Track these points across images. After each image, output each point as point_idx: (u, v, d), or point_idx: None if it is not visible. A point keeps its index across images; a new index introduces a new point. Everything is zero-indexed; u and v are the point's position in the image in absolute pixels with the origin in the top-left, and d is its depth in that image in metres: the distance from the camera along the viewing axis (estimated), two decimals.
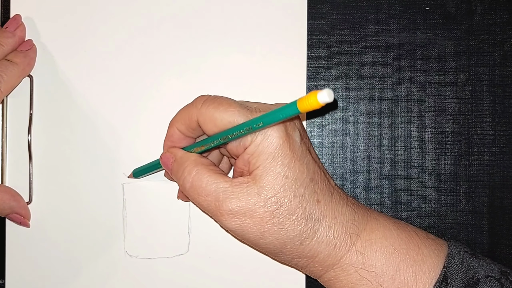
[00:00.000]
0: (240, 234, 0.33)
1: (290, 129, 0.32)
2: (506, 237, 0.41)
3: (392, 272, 0.32)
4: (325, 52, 0.42)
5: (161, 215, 0.41)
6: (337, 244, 0.32)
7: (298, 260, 0.33)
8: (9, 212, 0.40)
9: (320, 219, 0.32)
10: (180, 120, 0.35)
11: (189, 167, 0.34)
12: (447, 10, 0.41)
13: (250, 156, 0.32)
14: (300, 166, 0.32)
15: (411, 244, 0.33)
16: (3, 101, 0.41)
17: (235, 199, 0.32)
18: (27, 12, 0.41)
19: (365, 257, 0.32)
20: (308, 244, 0.32)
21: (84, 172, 0.41)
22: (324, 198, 0.32)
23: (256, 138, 0.32)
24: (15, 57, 0.39)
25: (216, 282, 0.41)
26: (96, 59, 0.41)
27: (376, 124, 0.41)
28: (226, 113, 0.32)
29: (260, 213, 0.31)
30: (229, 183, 0.32)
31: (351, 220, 0.33)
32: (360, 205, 0.34)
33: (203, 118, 0.33)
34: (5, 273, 0.41)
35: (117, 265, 0.41)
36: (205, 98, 0.34)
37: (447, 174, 0.41)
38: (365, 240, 0.33)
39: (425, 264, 0.32)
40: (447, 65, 0.41)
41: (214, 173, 0.33)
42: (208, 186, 0.32)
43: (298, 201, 0.32)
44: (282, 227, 0.32)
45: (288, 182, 0.31)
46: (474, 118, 0.41)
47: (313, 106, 0.26)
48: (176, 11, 0.41)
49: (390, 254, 0.32)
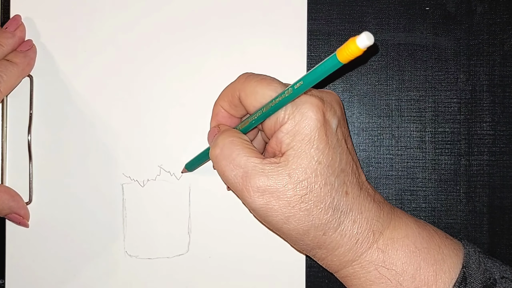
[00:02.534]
0: (263, 215, 0.32)
1: (328, 115, 0.31)
2: (506, 237, 0.41)
3: (412, 271, 0.32)
4: (325, 52, 0.42)
5: (161, 215, 0.41)
6: (359, 239, 0.32)
7: (317, 251, 0.33)
8: (8, 212, 0.40)
9: (346, 212, 0.31)
10: (224, 98, 0.35)
11: (225, 135, 0.33)
12: (447, 10, 0.41)
13: (284, 135, 0.31)
14: (333, 154, 0.31)
15: (432, 243, 0.33)
16: (3, 101, 0.41)
17: (264, 177, 0.31)
18: (27, 12, 0.41)
19: (386, 255, 0.32)
20: (331, 235, 0.31)
21: (84, 172, 0.41)
22: (352, 191, 0.32)
23: (294, 116, 0.31)
24: (15, 57, 0.39)
25: (216, 282, 0.41)
26: (96, 59, 0.41)
27: (376, 124, 0.41)
28: (268, 87, 0.32)
29: (288, 196, 0.31)
30: (260, 159, 0.31)
31: (376, 217, 0.32)
32: (386, 203, 0.34)
33: (245, 93, 0.33)
34: (5, 273, 0.41)
35: (117, 265, 0.41)
36: (248, 74, 0.33)
37: (447, 174, 0.41)
38: (388, 238, 0.32)
39: (445, 264, 0.32)
40: (447, 65, 0.41)
41: (247, 147, 0.32)
42: (239, 157, 0.31)
43: (328, 190, 0.31)
44: (309, 214, 0.31)
45: (320, 168, 0.31)
46: (474, 118, 0.41)
47: (354, 53, 0.24)
48: (176, 11, 0.41)
49: (411, 253, 0.32)
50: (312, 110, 0.31)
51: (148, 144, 0.41)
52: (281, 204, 0.31)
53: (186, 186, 0.41)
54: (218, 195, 0.41)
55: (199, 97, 0.41)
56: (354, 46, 0.24)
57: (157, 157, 0.41)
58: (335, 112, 0.32)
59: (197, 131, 0.41)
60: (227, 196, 0.41)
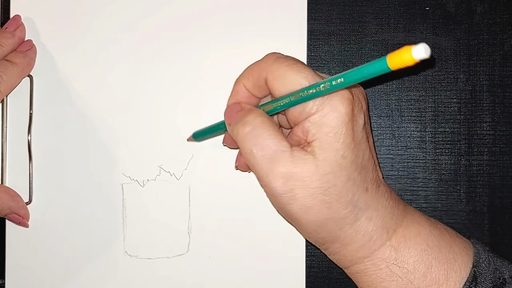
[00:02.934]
0: (284, 203, 0.31)
1: (356, 110, 0.31)
2: (507, 236, 0.41)
3: (423, 270, 0.31)
4: (325, 52, 0.42)
5: (161, 215, 0.41)
6: (373, 237, 0.31)
7: (330, 245, 0.32)
8: (8, 213, 0.40)
9: (364, 209, 0.31)
10: (248, 76, 0.33)
11: (255, 114, 0.32)
12: (447, 10, 0.41)
13: (311, 125, 0.30)
14: (357, 150, 0.31)
15: (443, 242, 0.32)
16: (3, 101, 0.41)
17: (292, 164, 0.30)
18: (27, 12, 0.41)
19: (398, 253, 0.32)
20: (346, 230, 0.31)
21: (84, 172, 0.41)
22: (372, 188, 0.31)
23: (323, 108, 0.30)
24: (15, 58, 0.39)
25: (216, 282, 0.41)
26: (96, 59, 0.41)
27: (376, 124, 0.41)
28: (299, 74, 0.30)
29: (313, 186, 0.30)
30: (289, 145, 0.30)
31: (390, 214, 0.32)
32: (400, 200, 0.34)
33: (272, 76, 0.31)
34: (5, 273, 0.41)
35: (117, 265, 0.41)
36: (278, 55, 0.32)
37: (447, 174, 0.41)
38: (400, 236, 0.32)
39: (456, 263, 0.32)
40: (447, 65, 0.41)
41: (278, 131, 0.31)
42: (268, 139, 0.30)
43: (350, 185, 0.30)
44: (329, 207, 0.30)
45: (345, 163, 0.30)
46: (474, 118, 0.41)
47: (407, 63, 0.23)
48: (176, 11, 0.41)
49: (423, 251, 0.32)
50: (343, 104, 0.30)
51: (148, 144, 0.41)
52: (305, 194, 0.30)
53: (186, 186, 0.41)
54: (218, 195, 0.41)
55: (199, 97, 0.41)
56: (409, 55, 0.23)
57: (157, 157, 0.41)
58: (362, 107, 0.31)
59: None
60: (227, 196, 0.41)
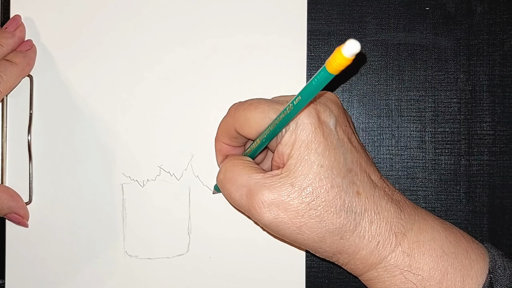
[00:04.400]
0: (275, 229, 0.31)
1: (324, 116, 0.31)
2: (506, 237, 0.41)
3: (439, 277, 0.31)
4: (325, 52, 0.42)
5: (161, 215, 0.41)
6: (381, 241, 0.31)
7: (339, 257, 0.32)
8: (8, 212, 0.40)
9: (361, 213, 0.30)
10: (222, 133, 0.35)
11: (226, 161, 0.34)
12: (447, 10, 0.41)
13: (284, 147, 0.31)
14: (335, 154, 0.30)
15: (460, 248, 0.32)
16: (3, 101, 0.41)
17: (267, 190, 0.30)
18: (27, 12, 0.41)
19: (412, 259, 0.31)
20: (348, 238, 0.31)
21: (84, 172, 0.41)
22: (365, 191, 0.31)
23: (289, 126, 0.30)
24: (15, 57, 0.39)
25: (216, 282, 0.41)
26: (96, 59, 0.41)
27: (376, 124, 0.41)
28: (256, 110, 0.31)
29: (295, 205, 0.30)
30: (262, 175, 0.31)
31: (396, 218, 0.31)
32: (408, 203, 0.33)
33: (238, 124, 0.32)
34: (5, 273, 0.41)
35: (117, 265, 0.41)
36: (236, 105, 0.33)
37: (447, 174, 0.41)
38: (413, 241, 0.31)
39: (472, 269, 0.31)
40: (447, 65, 0.41)
41: (248, 166, 0.32)
42: (240, 177, 0.32)
43: (336, 192, 0.30)
44: (320, 220, 0.30)
45: (323, 171, 0.30)
46: (474, 118, 0.41)
47: (342, 63, 0.24)
48: (176, 11, 0.41)
49: (438, 258, 0.31)
50: (305, 115, 0.30)
51: (148, 144, 0.41)
52: (290, 215, 0.30)
53: (186, 186, 0.41)
54: (218, 195, 0.41)
55: (199, 97, 0.41)
56: (340, 56, 0.23)
57: (157, 157, 0.41)
58: (331, 111, 0.31)
59: (198, 131, 0.41)
60: None
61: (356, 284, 0.41)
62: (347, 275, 0.41)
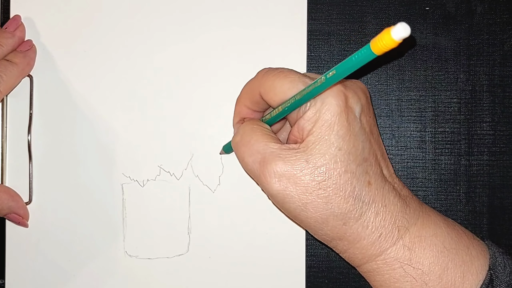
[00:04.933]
0: (281, 201, 0.31)
1: (351, 102, 0.31)
2: (506, 237, 0.41)
3: (439, 272, 0.31)
4: (325, 52, 0.42)
5: (161, 215, 0.41)
6: (383, 233, 0.31)
7: (338, 242, 0.32)
8: (8, 212, 0.40)
9: (369, 203, 0.30)
10: (245, 96, 0.34)
11: (245, 124, 0.33)
12: (447, 10, 0.41)
13: (306, 122, 0.30)
14: (355, 141, 0.30)
15: (461, 245, 0.32)
16: (3, 101, 0.41)
17: (281, 162, 0.30)
18: (27, 12, 0.41)
19: (412, 253, 0.31)
20: (351, 225, 0.31)
21: (84, 172, 0.41)
22: (376, 182, 0.31)
23: (315, 103, 0.30)
24: (15, 57, 0.39)
25: (216, 282, 0.41)
26: (96, 59, 0.41)
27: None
28: (285, 79, 0.31)
29: (305, 181, 0.30)
30: (279, 145, 0.31)
31: (402, 213, 0.31)
32: (414, 199, 0.33)
33: (264, 89, 0.32)
34: (5, 273, 0.41)
35: (117, 265, 0.41)
36: (266, 70, 0.33)
37: (447, 174, 0.41)
38: (415, 236, 0.31)
39: (473, 265, 0.31)
40: (447, 65, 0.41)
41: (266, 134, 0.32)
42: (257, 143, 0.31)
43: (348, 177, 0.30)
44: (327, 201, 0.30)
45: (340, 155, 0.30)
46: (474, 118, 0.41)
47: (389, 45, 0.23)
48: (176, 11, 0.41)
49: (439, 253, 0.31)
50: (333, 96, 0.30)
51: (148, 144, 0.41)
52: (298, 190, 0.30)
53: (186, 186, 0.41)
54: (218, 195, 0.41)
55: (199, 97, 0.41)
56: (389, 37, 0.23)
57: (157, 157, 0.41)
58: (359, 99, 0.31)
59: (198, 131, 0.41)
60: (227, 196, 0.41)
61: (356, 284, 0.41)
62: (347, 275, 0.41)
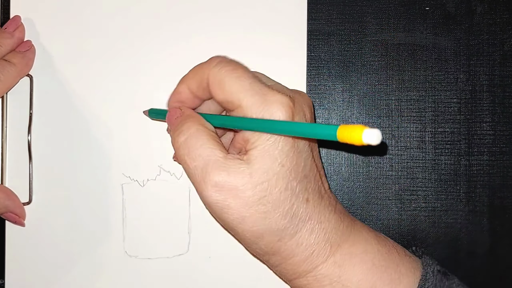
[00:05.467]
0: (218, 212, 0.30)
1: (298, 118, 0.30)
2: (506, 237, 0.41)
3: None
4: (325, 52, 0.42)
5: (161, 215, 0.41)
6: (315, 251, 0.31)
7: (271, 257, 0.32)
8: (4, 211, 0.40)
9: (305, 220, 0.30)
10: (192, 77, 0.32)
11: (191, 123, 0.31)
12: (447, 10, 0.41)
13: (250, 134, 0.30)
14: (298, 158, 0.30)
15: (390, 262, 0.32)
16: (3, 101, 0.41)
17: (225, 172, 0.29)
18: (27, 13, 0.41)
19: (342, 270, 0.31)
20: (286, 242, 0.30)
21: (84, 172, 0.41)
22: (313, 199, 0.31)
23: (262, 115, 0.29)
24: (13, 58, 0.39)
25: (216, 282, 0.41)
26: (95, 60, 0.41)
27: (376, 124, 0.41)
28: (236, 81, 0.30)
29: (246, 195, 0.29)
30: (224, 154, 0.30)
31: (335, 229, 0.31)
32: (347, 214, 0.33)
33: (212, 80, 0.31)
34: (5, 273, 0.41)
35: (117, 265, 0.41)
36: (221, 58, 0.31)
37: (447, 174, 0.41)
38: (346, 253, 0.31)
39: (401, 284, 0.31)
40: (447, 65, 0.41)
41: (213, 139, 0.31)
42: (202, 148, 0.30)
43: (288, 195, 0.29)
44: (265, 217, 0.29)
45: (283, 172, 0.29)
46: (474, 118, 0.41)
47: (353, 140, 0.23)
48: (176, 11, 0.41)
49: (368, 270, 0.31)
50: (281, 111, 0.29)
51: (148, 144, 0.41)
52: (238, 203, 0.29)
53: (186, 186, 0.41)
54: None
55: None
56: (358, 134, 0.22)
57: (157, 157, 0.41)
58: (305, 116, 0.31)
59: None
60: None
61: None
62: None
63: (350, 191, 0.41)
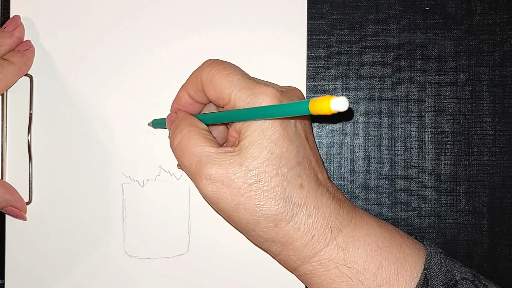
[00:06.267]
0: (214, 202, 0.32)
1: None
2: (506, 237, 0.41)
3: (374, 270, 0.31)
4: (325, 52, 0.42)
5: (161, 215, 0.41)
6: (316, 235, 0.31)
7: (271, 244, 0.32)
8: (4, 205, 0.40)
9: (300, 205, 0.31)
10: (190, 82, 0.35)
11: (182, 126, 0.34)
12: (447, 10, 0.41)
13: (241, 125, 0.32)
14: (289, 146, 0.31)
15: (394, 242, 0.33)
16: (3, 101, 0.41)
17: (216, 165, 0.31)
18: (27, 12, 0.41)
19: (346, 253, 0.32)
20: (283, 227, 0.31)
21: (84, 172, 0.41)
22: (309, 186, 0.32)
23: (250, 106, 0.31)
24: (12, 57, 0.39)
25: (216, 282, 0.41)
26: (95, 59, 0.41)
27: (376, 124, 0.41)
28: (226, 78, 0.32)
29: (238, 183, 0.31)
30: (215, 149, 0.32)
31: (335, 214, 0.32)
32: (347, 202, 0.34)
33: (205, 79, 0.33)
34: (5, 273, 0.41)
35: (117, 265, 0.41)
36: (212, 60, 0.34)
37: (447, 174, 0.41)
38: (348, 236, 0.32)
39: (406, 262, 0.32)
40: (447, 65, 0.41)
41: (204, 137, 0.33)
42: (194, 147, 0.32)
43: (279, 180, 0.31)
44: (258, 203, 0.31)
45: (272, 159, 0.31)
46: (474, 118, 0.41)
47: (324, 110, 0.24)
48: (176, 11, 0.41)
49: (373, 251, 0.32)
50: (267, 101, 0.31)
51: (148, 144, 0.41)
52: (231, 191, 0.31)
53: (186, 186, 0.41)
54: None
55: None
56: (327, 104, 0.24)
57: (157, 157, 0.41)
58: None
59: None
60: None
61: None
62: None
63: (350, 191, 0.41)
